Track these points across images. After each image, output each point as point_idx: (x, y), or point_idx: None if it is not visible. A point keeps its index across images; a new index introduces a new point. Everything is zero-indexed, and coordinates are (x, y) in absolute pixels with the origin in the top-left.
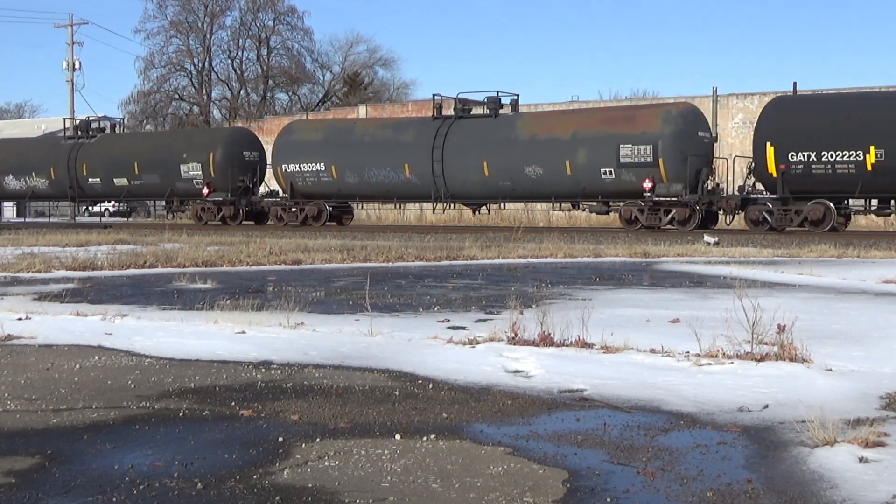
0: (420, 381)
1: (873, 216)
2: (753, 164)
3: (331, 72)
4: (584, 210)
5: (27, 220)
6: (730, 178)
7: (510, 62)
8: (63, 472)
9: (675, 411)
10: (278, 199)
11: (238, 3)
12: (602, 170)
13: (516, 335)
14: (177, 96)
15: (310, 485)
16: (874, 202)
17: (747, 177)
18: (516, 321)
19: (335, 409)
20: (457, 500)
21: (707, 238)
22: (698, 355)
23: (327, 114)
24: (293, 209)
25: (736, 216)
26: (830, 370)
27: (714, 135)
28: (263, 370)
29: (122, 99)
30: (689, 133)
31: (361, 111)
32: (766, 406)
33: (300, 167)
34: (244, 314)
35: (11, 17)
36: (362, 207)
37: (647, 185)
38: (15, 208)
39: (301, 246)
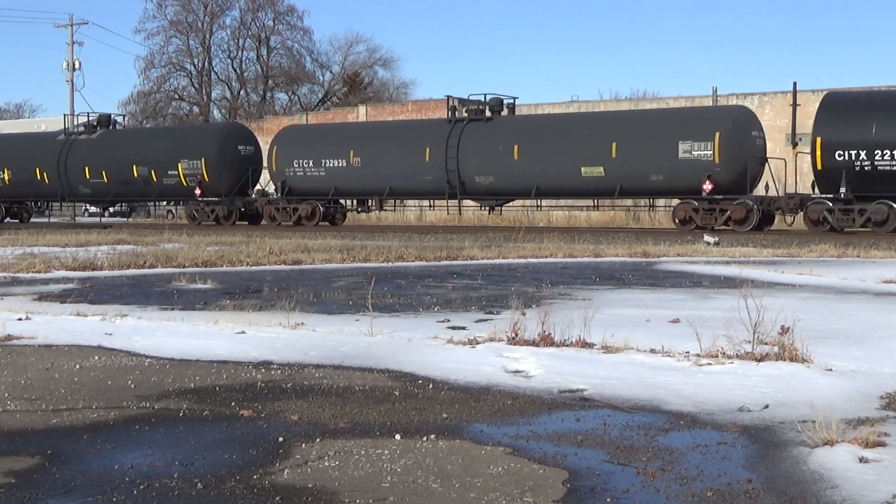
0: (420, 381)
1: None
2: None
3: (330, 72)
4: None
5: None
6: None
7: (510, 62)
8: (63, 472)
9: (675, 411)
10: None
11: (238, 2)
12: None
13: (516, 335)
14: (177, 96)
15: (310, 485)
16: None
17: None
18: (516, 321)
19: (335, 409)
20: (457, 500)
21: (707, 238)
22: (698, 355)
23: (327, 114)
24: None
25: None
26: (831, 370)
27: None
28: (263, 370)
29: (122, 99)
30: None
31: (361, 111)
32: (767, 406)
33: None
34: (244, 314)
35: (11, 17)
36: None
37: None
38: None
39: (301, 246)
